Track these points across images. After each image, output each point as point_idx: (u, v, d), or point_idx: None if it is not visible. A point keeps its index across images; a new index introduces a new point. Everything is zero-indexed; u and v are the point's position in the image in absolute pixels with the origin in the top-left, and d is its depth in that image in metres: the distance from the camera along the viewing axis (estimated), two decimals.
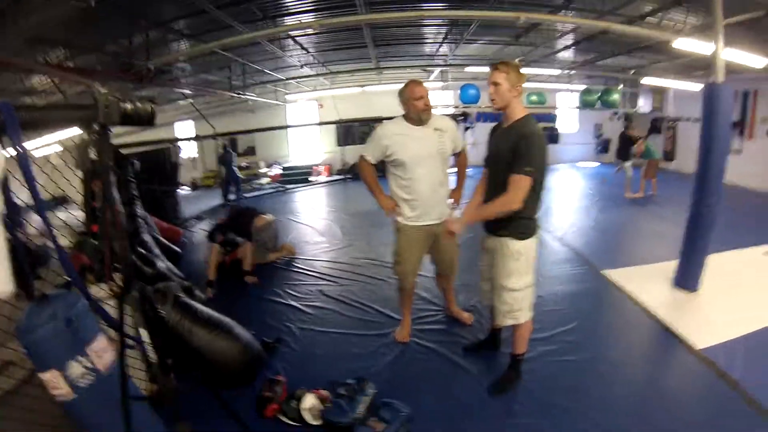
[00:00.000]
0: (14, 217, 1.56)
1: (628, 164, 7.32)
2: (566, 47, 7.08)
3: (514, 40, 6.53)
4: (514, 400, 2.25)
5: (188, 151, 12.89)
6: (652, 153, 7.28)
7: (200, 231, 6.72)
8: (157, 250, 4.00)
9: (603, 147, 12.41)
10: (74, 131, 2.12)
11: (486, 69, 9.00)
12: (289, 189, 10.52)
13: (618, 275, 3.87)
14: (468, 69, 8.84)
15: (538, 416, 2.13)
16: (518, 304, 2.14)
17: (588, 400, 2.24)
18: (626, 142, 7.34)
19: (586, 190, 8.45)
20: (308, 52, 7.24)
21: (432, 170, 2.48)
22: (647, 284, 3.63)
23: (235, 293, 3.91)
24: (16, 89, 5.22)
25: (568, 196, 8.26)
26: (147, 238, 3.99)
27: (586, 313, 3.20)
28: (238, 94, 7.87)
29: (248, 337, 2.54)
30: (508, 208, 1.96)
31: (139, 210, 4.03)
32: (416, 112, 2.43)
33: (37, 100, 5.11)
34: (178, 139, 7.34)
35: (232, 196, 9.59)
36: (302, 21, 4.93)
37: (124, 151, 4.69)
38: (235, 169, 9.74)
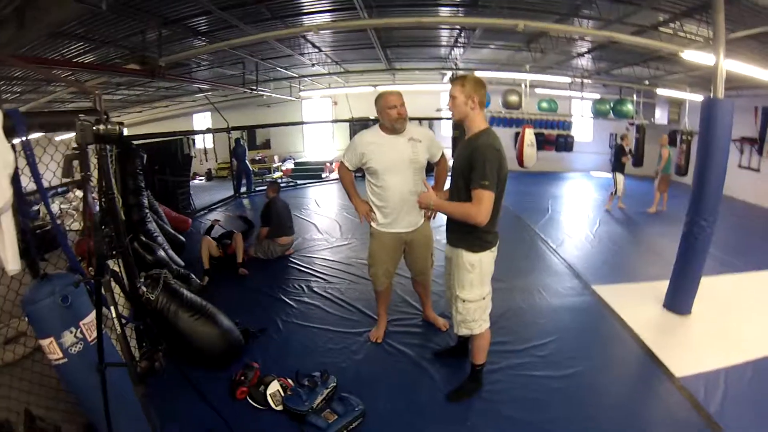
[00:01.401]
0: (23, 206, 1.87)
1: (621, 177, 7.33)
2: (579, 55, 7.15)
3: (525, 45, 6.64)
4: (471, 409, 2.36)
5: (204, 142, 13.47)
6: (667, 167, 7.26)
7: (207, 222, 7.10)
8: (161, 239, 4.36)
9: None
10: None
11: (496, 74, 9.12)
12: (300, 184, 10.87)
13: (608, 292, 3.90)
14: (477, 74, 9.01)
15: (491, 428, 2.21)
16: (471, 315, 2.23)
17: (546, 417, 2.28)
18: (620, 154, 7.34)
19: (595, 201, 8.41)
20: (320, 50, 7.53)
21: (403, 179, 2.59)
22: (637, 303, 3.66)
23: (231, 284, 4.24)
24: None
25: (574, 205, 8.30)
26: (152, 227, 4.34)
27: (566, 328, 3.27)
28: (251, 89, 8.23)
29: (228, 324, 2.82)
30: (471, 220, 2.01)
31: (146, 200, 4.38)
32: (390, 121, 2.55)
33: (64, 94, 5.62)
34: (190, 132, 7.76)
35: (243, 189, 10.02)
36: (304, 23, 5.18)
37: (137, 143, 5.07)
38: (247, 162, 10.15)
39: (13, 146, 1.65)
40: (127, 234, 3.69)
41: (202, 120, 14.15)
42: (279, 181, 11.93)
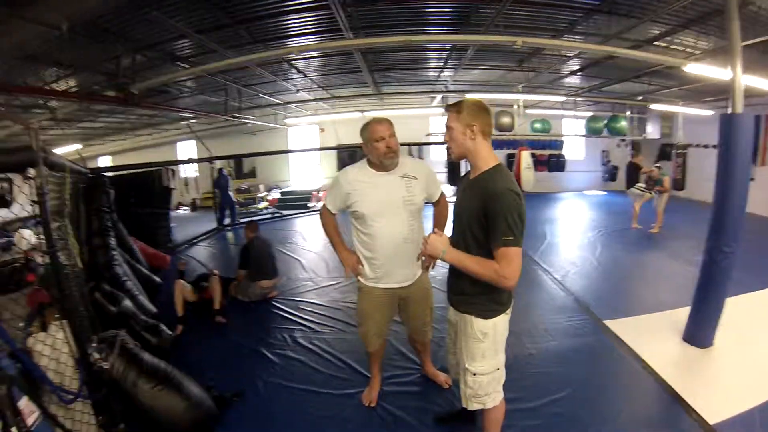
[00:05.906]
0: None
1: (638, 192, 7.26)
2: (572, 73, 7.12)
3: (518, 65, 6.56)
4: None
5: (188, 171, 13.17)
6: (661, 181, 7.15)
7: (189, 258, 6.71)
8: (130, 283, 3.99)
9: (611, 175, 12.61)
10: None
11: (489, 95, 9.09)
12: (286, 216, 10.45)
13: (622, 327, 3.67)
14: (468, 96, 8.93)
15: None
16: (483, 389, 1.90)
17: None
18: (633, 171, 7.37)
19: (591, 222, 8.23)
20: (306, 75, 7.37)
21: (395, 224, 2.21)
22: (654, 339, 3.44)
23: (207, 335, 3.85)
24: None
25: (571, 228, 8.06)
26: (120, 270, 3.97)
27: (581, 377, 2.96)
28: (234, 117, 8.02)
29: (198, 393, 2.46)
30: (500, 284, 1.66)
31: (113, 240, 4.01)
32: (377, 156, 2.16)
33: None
34: (170, 162, 7.48)
35: (227, 221, 9.68)
36: (287, 46, 5.01)
37: (110, 174, 4.76)
38: (231, 193, 9.86)
39: None
40: (90, 282, 3.34)
41: (186, 148, 13.90)
42: (265, 210, 11.60)
